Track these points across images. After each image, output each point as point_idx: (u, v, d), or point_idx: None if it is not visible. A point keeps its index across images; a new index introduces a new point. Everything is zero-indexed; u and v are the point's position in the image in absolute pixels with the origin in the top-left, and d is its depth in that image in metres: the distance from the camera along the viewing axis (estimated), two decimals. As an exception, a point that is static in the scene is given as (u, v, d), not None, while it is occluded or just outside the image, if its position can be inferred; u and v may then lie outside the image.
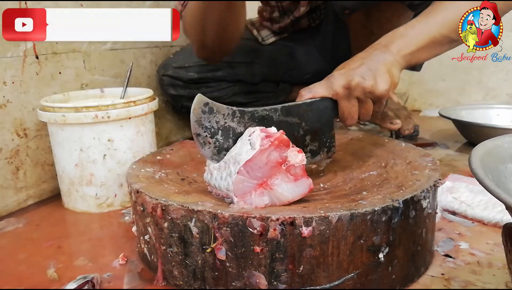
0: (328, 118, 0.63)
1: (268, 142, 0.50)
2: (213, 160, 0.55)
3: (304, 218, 0.45)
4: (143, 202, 0.54)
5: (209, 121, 0.54)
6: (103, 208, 0.80)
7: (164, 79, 1.13)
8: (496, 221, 0.67)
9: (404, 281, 0.52)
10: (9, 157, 0.80)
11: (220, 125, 0.55)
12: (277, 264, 0.46)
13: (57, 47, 0.87)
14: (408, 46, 0.64)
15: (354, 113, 0.61)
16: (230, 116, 0.55)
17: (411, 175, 0.57)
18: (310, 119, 0.62)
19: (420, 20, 0.66)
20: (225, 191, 0.52)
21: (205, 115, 0.54)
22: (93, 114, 0.74)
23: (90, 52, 0.95)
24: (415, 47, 0.64)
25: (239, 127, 0.56)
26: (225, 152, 0.55)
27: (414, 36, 0.64)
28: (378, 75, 0.60)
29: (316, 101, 0.62)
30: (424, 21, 0.66)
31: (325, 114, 0.63)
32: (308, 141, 0.62)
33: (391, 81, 0.61)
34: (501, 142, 0.51)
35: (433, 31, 0.64)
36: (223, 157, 0.55)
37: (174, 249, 0.51)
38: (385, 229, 0.48)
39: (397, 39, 0.64)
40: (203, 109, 0.53)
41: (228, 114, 0.55)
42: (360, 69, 0.60)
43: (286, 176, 0.51)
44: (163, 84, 1.14)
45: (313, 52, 1.19)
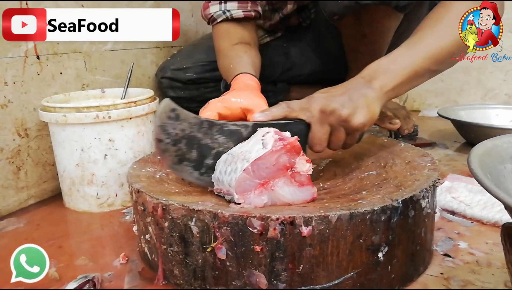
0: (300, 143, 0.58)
1: (281, 144, 0.50)
2: (171, 169, 0.54)
3: (303, 218, 0.45)
4: (143, 201, 0.54)
5: (173, 128, 0.52)
6: (104, 208, 0.80)
7: (163, 82, 1.13)
8: (495, 220, 0.67)
9: (403, 281, 0.52)
10: (10, 157, 0.81)
11: (185, 133, 0.53)
12: (277, 264, 0.47)
13: (58, 47, 0.87)
14: (390, 82, 0.63)
15: (324, 140, 0.59)
16: (197, 126, 0.54)
17: (410, 175, 0.58)
18: None
19: (403, 53, 0.65)
20: (227, 187, 0.52)
21: (171, 121, 0.52)
22: (94, 114, 0.75)
23: (91, 53, 0.95)
24: (397, 82, 0.63)
25: (205, 138, 0.54)
26: (187, 162, 0.54)
27: (397, 71, 0.63)
28: (357, 107, 0.59)
29: (290, 123, 0.59)
30: (406, 53, 0.64)
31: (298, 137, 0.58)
32: None
33: (369, 116, 0.60)
34: (500, 142, 0.51)
35: (416, 65, 0.64)
36: (183, 167, 0.53)
37: (174, 248, 0.51)
38: (385, 228, 0.48)
39: (380, 75, 0.62)
40: (169, 115, 0.52)
41: (196, 123, 0.54)
42: (340, 97, 0.59)
43: (290, 180, 0.51)
44: (162, 86, 1.14)
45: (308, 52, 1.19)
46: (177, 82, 1.13)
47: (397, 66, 0.63)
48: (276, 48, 1.19)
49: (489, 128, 1.08)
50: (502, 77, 1.53)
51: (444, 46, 0.64)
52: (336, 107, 0.58)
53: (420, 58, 0.64)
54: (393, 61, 0.64)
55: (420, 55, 0.64)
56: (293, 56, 1.20)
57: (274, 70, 1.19)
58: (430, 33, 0.65)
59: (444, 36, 0.64)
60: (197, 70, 1.12)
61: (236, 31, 0.91)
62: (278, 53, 1.19)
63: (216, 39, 0.93)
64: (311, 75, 1.20)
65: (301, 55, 1.19)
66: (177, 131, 0.53)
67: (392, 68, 0.63)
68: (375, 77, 0.62)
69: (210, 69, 1.12)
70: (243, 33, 0.92)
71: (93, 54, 0.96)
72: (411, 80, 0.64)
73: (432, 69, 0.66)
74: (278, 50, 1.19)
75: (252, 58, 0.86)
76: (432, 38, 0.65)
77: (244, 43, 0.90)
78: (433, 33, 0.65)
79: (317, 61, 1.18)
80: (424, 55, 0.64)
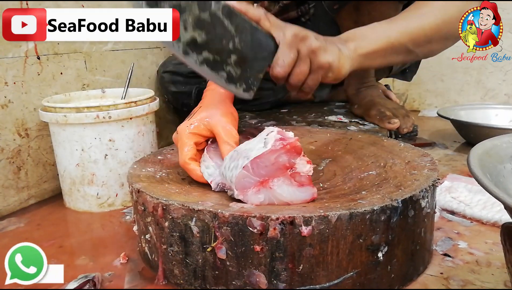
0: (263, 57, 0.57)
1: (281, 144, 0.51)
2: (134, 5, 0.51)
3: (303, 218, 0.46)
4: (144, 201, 0.54)
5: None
6: (104, 208, 0.80)
7: (165, 76, 1.13)
8: (494, 220, 0.68)
9: (403, 280, 0.53)
10: (11, 157, 0.81)
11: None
12: (277, 263, 0.47)
13: (58, 47, 0.87)
14: (365, 47, 0.63)
15: (288, 64, 0.57)
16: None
17: (410, 175, 0.58)
18: (246, 42, 0.55)
19: (383, 24, 0.66)
20: (229, 182, 0.53)
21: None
22: (94, 114, 0.75)
23: (91, 53, 0.95)
24: (371, 49, 0.63)
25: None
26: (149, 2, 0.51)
27: (373, 38, 0.64)
28: (328, 48, 0.59)
29: (261, 31, 0.56)
30: (386, 26, 0.66)
31: (263, 51, 0.57)
32: (232, 61, 0.56)
33: (337, 65, 0.60)
34: (500, 142, 0.51)
35: (392, 37, 0.65)
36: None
37: (174, 248, 0.51)
38: (384, 228, 0.48)
39: (357, 38, 0.63)
40: None
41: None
42: (317, 35, 0.59)
43: (289, 180, 0.51)
44: (163, 81, 1.14)
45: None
46: (178, 76, 1.13)
47: (375, 35, 0.64)
48: None
49: (488, 128, 1.08)
50: (502, 77, 1.53)
51: (423, 27, 0.66)
52: (308, 36, 0.57)
53: (398, 33, 0.65)
54: (372, 30, 0.65)
55: (399, 30, 0.65)
56: None
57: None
58: (411, 15, 0.67)
59: (424, 19, 0.66)
60: None
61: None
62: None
63: None
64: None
65: None
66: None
67: (369, 34, 0.64)
68: (351, 39, 0.63)
69: None
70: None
71: (94, 54, 0.96)
72: (386, 52, 0.65)
73: (408, 47, 0.66)
74: None
75: None
76: (412, 18, 0.67)
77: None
78: (414, 15, 0.67)
79: None
80: (403, 31, 0.65)
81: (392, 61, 0.69)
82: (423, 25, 0.66)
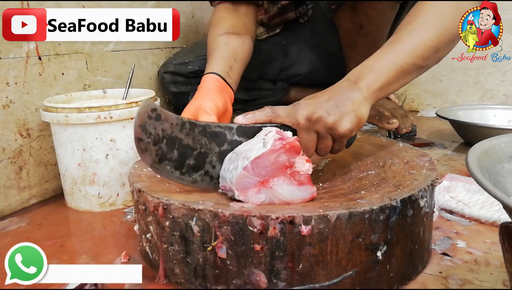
0: None
1: (280, 144, 0.51)
2: (153, 169, 0.54)
3: (303, 217, 0.46)
4: (145, 201, 0.54)
5: (154, 127, 0.52)
6: (105, 207, 0.81)
7: (165, 77, 1.14)
8: (493, 220, 0.68)
9: (402, 279, 0.53)
10: (12, 157, 0.81)
11: (166, 134, 0.53)
12: (277, 262, 0.47)
13: (59, 48, 0.88)
14: (377, 81, 0.61)
15: (311, 147, 0.59)
16: (178, 126, 0.54)
17: (409, 175, 0.58)
18: None
19: (386, 51, 0.64)
20: (229, 184, 0.53)
21: (151, 121, 0.52)
22: (96, 114, 0.75)
23: (92, 53, 0.95)
24: (384, 81, 0.62)
25: (187, 139, 0.54)
26: (168, 161, 0.54)
27: (382, 68, 0.62)
28: (344, 113, 0.58)
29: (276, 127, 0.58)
30: (390, 51, 0.64)
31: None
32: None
33: (357, 121, 0.59)
34: (498, 142, 0.51)
35: (400, 62, 0.62)
36: (164, 167, 0.53)
37: (175, 247, 0.52)
38: (383, 227, 0.48)
39: (366, 75, 0.61)
40: (149, 115, 0.51)
41: (177, 124, 0.54)
42: (326, 104, 0.58)
43: (289, 179, 0.52)
44: (164, 82, 1.14)
45: (306, 50, 1.20)
46: (179, 76, 1.13)
47: (382, 64, 0.62)
48: (275, 44, 1.20)
49: (487, 128, 1.08)
50: (500, 78, 1.53)
51: (426, 41, 0.63)
52: (322, 115, 0.57)
53: (404, 54, 0.63)
54: (378, 60, 0.63)
55: (404, 52, 0.63)
56: (291, 53, 1.20)
57: (273, 67, 1.20)
58: (409, 31, 0.64)
59: (424, 32, 0.64)
60: (199, 63, 1.12)
61: (228, 19, 0.92)
62: (277, 50, 1.20)
63: (210, 25, 0.94)
64: (309, 74, 1.20)
65: (300, 53, 1.19)
66: (158, 131, 0.52)
67: (377, 66, 0.62)
68: (361, 77, 0.61)
69: None
70: (235, 21, 0.93)
71: (95, 55, 0.96)
72: (398, 77, 0.63)
73: (419, 64, 0.64)
74: (277, 47, 1.20)
75: (233, 50, 0.86)
76: (412, 35, 0.64)
77: (230, 33, 0.90)
78: (412, 31, 0.64)
79: (315, 60, 1.18)
80: (408, 52, 0.63)
81: (407, 82, 0.66)
82: (426, 39, 0.64)
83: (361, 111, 0.59)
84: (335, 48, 1.06)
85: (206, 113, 0.70)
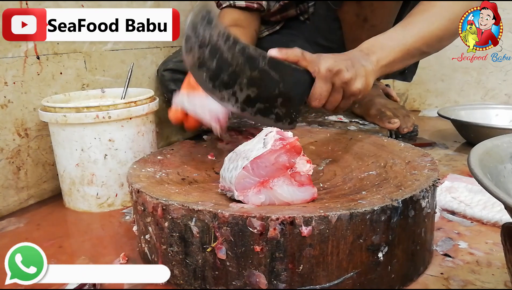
0: (303, 92, 0.63)
1: (280, 144, 0.50)
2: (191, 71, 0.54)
3: (303, 218, 0.45)
4: (143, 201, 0.54)
5: (204, 30, 0.52)
6: (104, 208, 0.80)
7: (165, 74, 1.13)
8: (495, 220, 0.68)
9: (403, 281, 0.52)
10: (10, 157, 0.81)
11: (212, 40, 0.53)
12: (277, 264, 0.47)
13: (58, 47, 0.87)
14: (386, 57, 0.69)
15: (324, 96, 0.63)
16: (224, 37, 0.54)
17: (410, 175, 0.58)
18: (289, 83, 0.61)
19: (398, 32, 0.72)
20: (228, 183, 0.52)
21: (203, 22, 0.51)
22: (94, 114, 0.75)
23: (91, 53, 0.95)
24: (392, 59, 0.69)
25: (227, 53, 0.55)
26: (205, 69, 0.54)
27: (392, 47, 0.69)
28: (358, 74, 0.64)
29: (300, 70, 0.62)
30: (401, 32, 0.72)
31: (302, 87, 0.63)
32: (279, 103, 0.61)
33: (366, 85, 0.66)
34: (500, 142, 0.51)
35: (408, 44, 0.70)
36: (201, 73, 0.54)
37: (174, 248, 0.51)
38: (384, 228, 0.48)
39: (377, 50, 0.69)
40: (203, 15, 0.51)
41: (224, 34, 0.54)
42: (346, 62, 0.64)
43: (289, 180, 0.51)
44: (163, 80, 1.14)
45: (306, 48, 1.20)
46: (179, 74, 1.12)
47: (393, 43, 0.70)
48: (275, 42, 1.20)
49: (489, 128, 1.08)
50: (502, 77, 1.53)
51: (433, 30, 0.72)
52: (342, 69, 0.62)
53: (413, 38, 0.71)
54: (389, 39, 0.71)
55: (413, 35, 0.71)
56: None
57: None
58: (421, 18, 0.73)
59: (433, 21, 0.72)
60: None
61: (232, 15, 1.00)
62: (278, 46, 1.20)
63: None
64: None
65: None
66: (206, 34, 0.52)
67: (388, 44, 0.70)
68: (373, 51, 0.68)
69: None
70: (238, 16, 1.01)
71: (93, 54, 0.96)
72: (404, 58, 0.71)
73: (423, 50, 0.73)
74: (277, 44, 1.20)
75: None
76: (423, 22, 0.73)
77: (233, 26, 0.96)
78: (423, 18, 0.73)
79: None
80: (417, 36, 0.71)
81: (408, 64, 0.75)
82: (434, 28, 0.71)
83: (369, 80, 0.66)
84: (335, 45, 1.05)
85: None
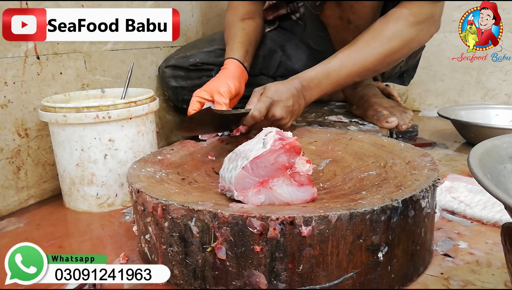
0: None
1: (280, 144, 0.50)
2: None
3: (303, 218, 0.45)
4: (143, 201, 0.54)
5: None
6: (104, 208, 0.80)
7: (166, 71, 1.14)
8: (495, 220, 0.68)
9: (403, 281, 0.52)
10: (10, 157, 0.81)
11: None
12: (277, 264, 0.47)
13: (58, 47, 0.87)
14: (318, 94, 0.84)
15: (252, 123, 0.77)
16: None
17: (410, 175, 0.58)
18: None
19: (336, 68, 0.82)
20: (228, 183, 0.52)
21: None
22: (94, 114, 0.75)
23: (91, 53, 0.95)
24: (324, 93, 0.84)
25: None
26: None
27: (327, 86, 0.82)
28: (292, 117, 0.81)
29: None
30: (339, 69, 0.82)
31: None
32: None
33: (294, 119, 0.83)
34: (500, 142, 0.51)
35: (342, 80, 0.82)
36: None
37: (174, 248, 0.51)
38: (384, 228, 0.48)
39: (313, 88, 0.82)
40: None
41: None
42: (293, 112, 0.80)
43: (289, 180, 0.51)
44: (164, 76, 1.14)
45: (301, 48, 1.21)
46: (180, 70, 1.13)
47: (328, 81, 0.82)
48: (274, 39, 1.21)
49: (489, 128, 1.08)
50: (502, 77, 1.53)
51: (368, 64, 0.82)
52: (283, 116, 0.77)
53: (348, 73, 0.82)
54: (327, 76, 0.82)
55: (349, 70, 0.82)
56: (288, 49, 1.22)
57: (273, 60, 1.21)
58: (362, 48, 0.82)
59: (370, 55, 0.81)
60: (200, 56, 1.13)
61: (243, 6, 1.07)
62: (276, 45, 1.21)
63: (226, 11, 1.09)
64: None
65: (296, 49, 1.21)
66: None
67: (324, 82, 0.82)
68: (310, 87, 0.82)
69: (213, 55, 1.13)
70: (249, 7, 1.08)
71: (93, 54, 0.96)
72: (334, 89, 0.85)
73: (355, 80, 0.85)
74: (275, 42, 1.21)
75: (248, 35, 1.02)
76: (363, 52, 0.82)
77: (246, 19, 1.05)
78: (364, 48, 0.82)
79: (309, 59, 1.18)
80: (353, 70, 0.82)
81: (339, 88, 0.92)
82: (368, 63, 0.82)
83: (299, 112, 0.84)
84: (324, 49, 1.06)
85: (219, 94, 0.83)
